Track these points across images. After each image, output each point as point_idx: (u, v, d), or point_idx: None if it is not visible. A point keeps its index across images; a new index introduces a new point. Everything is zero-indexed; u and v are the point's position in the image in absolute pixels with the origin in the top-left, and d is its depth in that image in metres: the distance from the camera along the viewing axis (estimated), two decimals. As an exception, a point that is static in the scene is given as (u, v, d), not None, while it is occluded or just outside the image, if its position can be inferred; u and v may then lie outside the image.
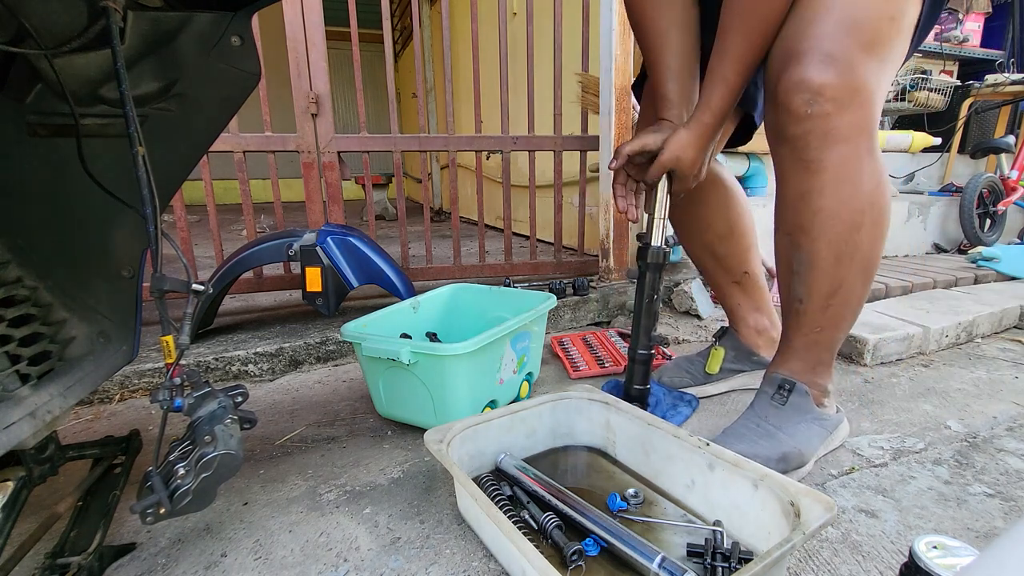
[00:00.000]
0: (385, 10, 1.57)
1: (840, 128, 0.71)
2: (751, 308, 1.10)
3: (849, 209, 0.75)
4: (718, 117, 0.81)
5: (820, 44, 0.70)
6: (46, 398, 0.61)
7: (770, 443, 0.80)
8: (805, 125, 0.72)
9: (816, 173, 0.74)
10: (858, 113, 0.71)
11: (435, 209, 4.75)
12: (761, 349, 1.10)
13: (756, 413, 0.85)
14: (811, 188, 0.75)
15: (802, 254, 0.79)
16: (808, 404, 0.84)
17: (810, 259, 0.78)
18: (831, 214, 0.75)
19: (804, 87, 0.70)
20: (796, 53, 0.71)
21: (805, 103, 0.70)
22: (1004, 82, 2.65)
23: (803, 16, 0.72)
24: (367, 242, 1.41)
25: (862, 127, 0.72)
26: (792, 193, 0.78)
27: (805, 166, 0.74)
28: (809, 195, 0.75)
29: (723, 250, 1.06)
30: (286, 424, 1.06)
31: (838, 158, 0.72)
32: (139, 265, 0.78)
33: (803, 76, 0.70)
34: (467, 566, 0.66)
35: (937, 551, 0.50)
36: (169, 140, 0.74)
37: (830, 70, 0.69)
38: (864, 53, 0.70)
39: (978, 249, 2.04)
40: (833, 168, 0.73)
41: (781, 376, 0.86)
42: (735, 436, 0.82)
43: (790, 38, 0.73)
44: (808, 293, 0.80)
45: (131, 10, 0.60)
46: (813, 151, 0.73)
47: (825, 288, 0.79)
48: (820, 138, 0.72)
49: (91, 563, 0.63)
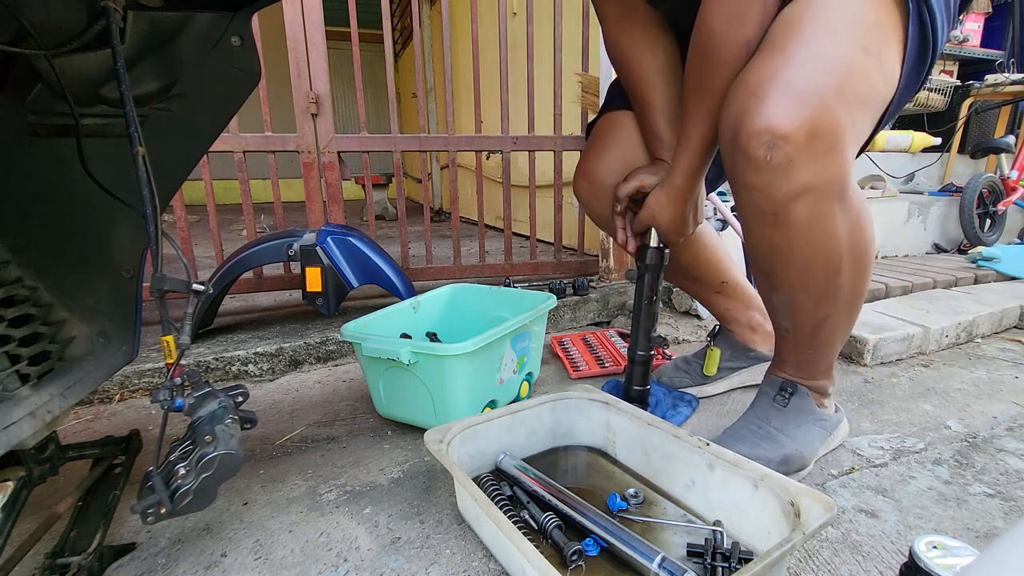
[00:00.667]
0: (385, 10, 1.57)
1: (805, 178, 0.63)
2: (740, 308, 1.10)
3: (824, 259, 0.69)
4: (689, 179, 0.80)
5: (787, 80, 0.61)
6: (46, 398, 0.61)
7: (772, 446, 0.80)
8: (765, 176, 0.64)
9: (781, 227, 0.67)
10: (826, 160, 0.63)
11: (435, 209, 4.75)
12: (757, 344, 1.10)
13: (757, 415, 0.85)
14: (779, 241, 0.69)
15: (781, 296, 0.77)
16: (809, 406, 0.84)
17: (790, 302, 0.76)
18: (804, 266, 0.70)
19: (765, 130, 0.61)
20: (758, 94, 0.62)
21: (765, 147, 0.62)
22: (1004, 82, 2.64)
23: (768, 52, 0.64)
24: (367, 242, 1.41)
25: (831, 175, 0.64)
26: (759, 243, 0.72)
27: (768, 220, 0.67)
28: (779, 247, 0.70)
29: (695, 272, 1.06)
30: (286, 424, 1.06)
31: (804, 211, 0.65)
32: (139, 265, 0.78)
33: (766, 117, 0.61)
34: (467, 566, 0.66)
35: (937, 551, 0.50)
36: (169, 140, 0.74)
37: (796, 110, 0.60)
38: (836, 91, 0.61)
39: (978, 249, 2.04)
40: (800, 222, 0.66)
41: (783, 378, 0.86)
42: (736, 438, 0.82)
43: (752, 76, 0.64)
44: (793, 325, 0.79)
45: (131, 10, 0.60)
46: (776, 204, 0.65)
47: (809, 324, 0.77)
48: (783, 190, 0.64)
49: (91, 563, 0.63)
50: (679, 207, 0.82)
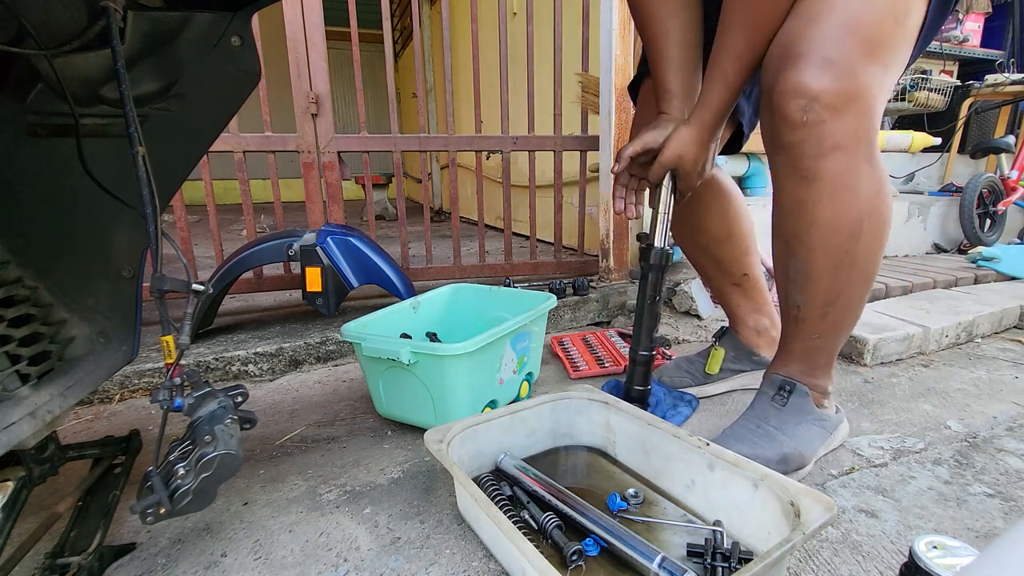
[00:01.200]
0: (385, 10, 1.57)
1: (837, 136, 0.68)
2: (751, 309, 1.09)
3: (847, 219, 0.72)
4: (718, 115, 0.80)
5: (819, 46, 0.66)
6: (46, 398, 0.61)
7: (770, 444, 0.80)
8: (800, 133, 0.69)
9: (812, 182, 0.71)
10: (856, 120, 0.68)
11: (435, 209, 4.75)
12: (761, 349, 1.10)
13: (756, 414, 0.85)
14: (807, 197, 0.72)
15: (799, 263, 0.77)
16: (808, 405, 0.84)
17: (807, 268, 0.77)
18: (828, 224, 0.73)
19: (800, 92, 0.67)
20: (793, 56, 0.67)
21: (801, 109, 0.67)
22: (1004, 82, 2.65)
23: (803, 15, 0.69)
24: (367, 242, 1.41)
25: (860, 135, 0.69)
26: (788, 201, 0.75)
27: (801, 175, 0.71)
28: (805, 204, 0.73)
29: (720, 253, 1.06)
30: (286, 424, 1.06)
31: (835, 167, 0.70)
32: (139, 265, 0.78)
33: (799, 81, 0.66)
34: (467, 566, 0.66)
35: (937, 551, 0.50)
36: (169, 140, 0.74)
37: (828, 74, 0.66)
38: (865, 56, 0.67)
39: (978, 249, 2.04)
40: (830, 177, 0.70)
41: (781, 377, 0.86)
42: (735, 437, 0.82)
43: (788, 39, 0.69)
44: (806, 301, 0.79)
45: (131, 10, 0.60)
46: (809, 160, 0.70)
47: (823, 297, 0.78)
48: (816, 146, 0.69)
49: (91, 563, 0.63)
50: (705, 145, 0.82)
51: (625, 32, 1.57)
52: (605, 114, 1.65)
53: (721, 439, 0.82)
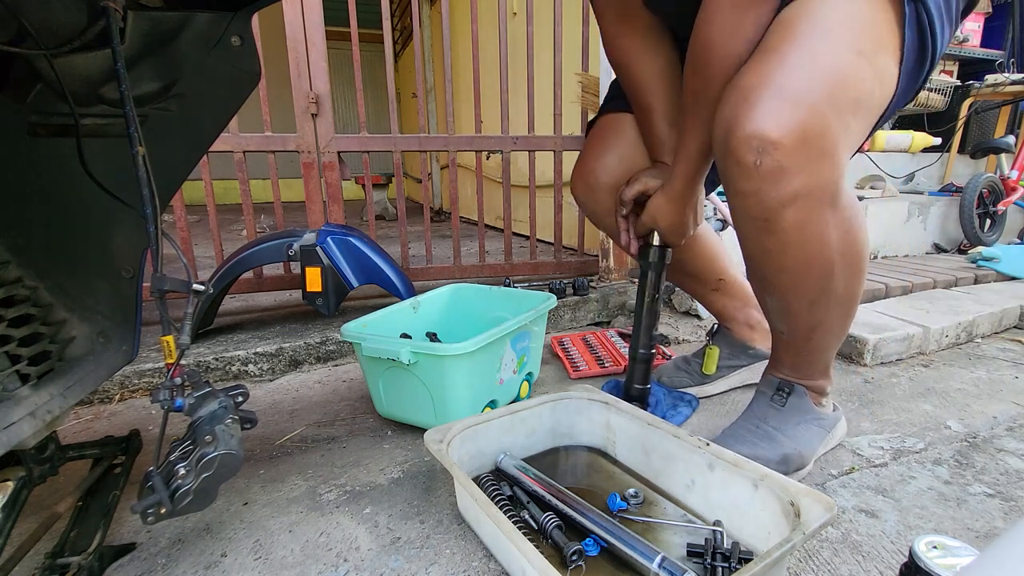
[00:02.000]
0: (385, 10, 1.57)
1: (796, 186, 0.62)
2: (738, 306, 1.10)
3: (817, 264, 0.69)
4: (688, 184, 0.80)
5: (778, 89, 0.60)
6: (46, 398, 0.61)
7: (770, 445, 0.80)
8: (755, 182, 0.63)
9: (774, 233, 0.67)
10: (818, 167, 0.62)
11: (435, 209, 4.75)
12: (756, 341, 1.10)
13: (755, 414, 0.85)
14: (771, 247, 0.69)
15: (774, 301, 0.77)
16: (807, 405, 0.84)
17: (784, 307, 0.76)
18: (797, 271, 0.70)
19: (756, 137, 0.61)
20: (751, 99, 0.61)
21: (755, 154, 0.61)
22: (1004, 82, 2.64)
23: (762, 60, 0.63)
24: (367, 242, 1.41)
25: (823, 183, 0.63)
26: (753, 249, 0.72)
27: (761, 226, 0.67)
28: (770, 254, 0.70)
29: (692, 269, 1.06)
30: (286, 424, 1.06)
31: (797, 218, 0.64)
32: (139, 265, 0.78)
33: (757, 126, 0.60)
34: (467, 566, 0.66)
35: (937, 551, 0.50)
36: (169, 140, 0.74)
37: (787, 118, 0.60)
38: (830, 98, 0.61)
39: (978, 249, 2.04)
40: (793, 228, 0.65)
41: (780, 378, 0.86)
42: (735, 438, 0.82)
43: (745, 81, 0.63)
44: (788, 328, 0.80)
45: (131, 10, 0.60)
46: (768, 211, 0.65)
47: (804, 326, 0.78)
48: (774, 197, 0.63)
49: (91, 563, 0.63)
50: (679, 211, 0.83)
51: (625, 32, 1.57)
52: (605, 114, 1.65)
53: (721, 439, 0.82)
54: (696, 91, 0.73)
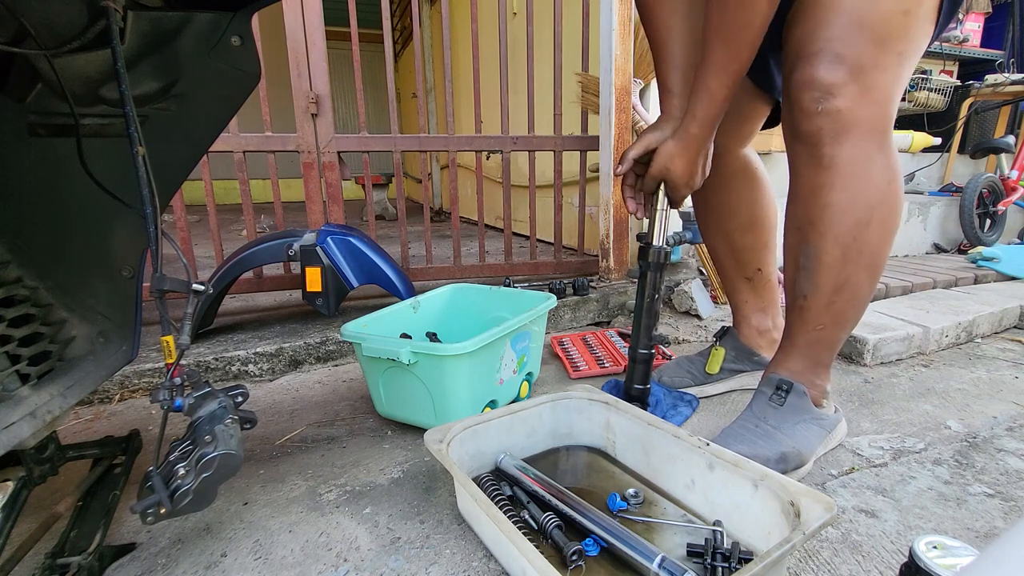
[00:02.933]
0: (385, 10, 1.57)
1: (851, 125, 0.72)
2: (756, 307, 1.09)
3: (858, 205, 0.75)
4: (705, 128, 0.80)
5: (830, 45, 0.70)
6: (46, 398, 0.61)
7: (769, 444, 0.80)
8: (816, 122, 0.73)
9: (827, 168, 0.74)
10: (870, 110, 0.72)
11: (435, 209, 4.75)
12: (762, 349, 1.10)
13: (754, 413, 0.85)
14: (822, 183, 0.76)
15: (809, 248, 0.79)
16: (806, 404, 0.84)
17: (817, 254, 0.79)
18: (840, 209, 0.75)
19: (814, 85, 0.71)
20: (806, 54, 0.72)
21: (815, 100, 0.72)
22: (1004, 82, 2.65)
23: (811, 17, 0.72)
24: (367, 242, 1.41)
25: (874, 124, 0.73)
26: (804, 188, 0.79)
27: (817, 161, 0.75)
28: (820, 190, 0.76)
29: (741, 242, 1.05)
30: (286, 424, 1.06)
31: (849, 154, 0.73)
32: (139, 265, 0.78)
33: (813, 75, 0.71)
34: (467, 566, 0.66)
35: (937, 551, 0.50)
36: (169, 140, 0.74)
37: (840, 69, 0.70)
38: (876, 50, 0.70)
39: (978, 249, 2.04)
40: (844, 164, 0.74)
41: (779, 376, 0.86)
42: (733, 437, 0.82)
43: (800, 40, 0.73)
44: (813, 288, 0.80)
45: (131, 10, 0.60)
46: (825, 147, 0.74)
47: (830, 284, 0.79)
48: (831, 135, 0.73)
49: (91, 563, 0.63)
50: (692, 158, 0.82)
51: (625, 32, 1.57)
52: (605, 114, 1.65)
53: (720, 439, 0.82)
54: (728, 29, 0.73)
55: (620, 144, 1.65)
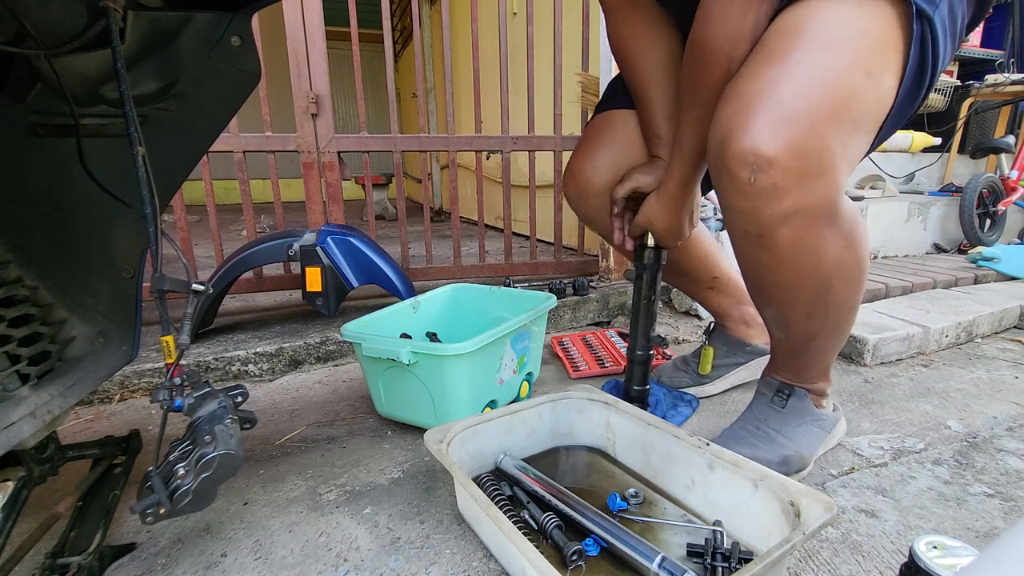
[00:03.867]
0: (385, 10, 1.57)
1: (790, 204, 0.61)
2: (733, 303, 1.09)
3: (813, 279, 0.68)
4: (683, 187, 0.80)
5: (779, 96, 0.59)
6: (46, 398, 0.61)
7: (771, 447, 0.80)
8: (751, 200, 0.62)
9: (769, 249, 0.66)
10: (815, 185, 0.60)
11: (435, 209, 4.75)
12: (753, 338, 1.10)
13: (755, 416, 0.85)
14: (767, 263, 0.68)
15: (771, 311, 0.77)
16: (807, 406, 0.84)
17: (780, 317, 0.77)
18: (793, 286, 0.70)
19: (751, 155, 0.59)
20: (747, 112, 0.60)
21: (749, 171, 0.60)
22: (1004, 82, 2.64)
23: (763, 62, 0.61)
24: (367, 242, 1.41)
25: (820, 201, 0.62)
26: (748, 263, 0.72)
27: (755, 241, 0.66)
28: (766, 269, 0.69)
29: (686, 266, 1.06)
30: (286, 424, 1.06)
31: (792, 235, 0.64)
32: (139, 265, 0.78)
33: (752, 143, 0.59)
34: (467, 566, 0.66)
35: (937, 551, 0.50)
36: (169, 140, 0.74)
37: (783, 135, 0.58)
38: (829, 115, 0.59)
39: (978, 249, 2.04)
40: (788, 244, 0.65)
41: (779, 381, 0.86)
42: (735, 439, 0.82)
43: (744, 84, 0.62)
44: (785, 337, 0.80)
45: (131, 10, 0.60)
46: (763, 227, 0.64)
47: (802, 336, 0.78)
48: (769, 215, 0.62)
49: (91, 563, 0.63)
50: (674, 214, 0.83)
51: (625, 32, 1.57)
52: (605, 114, 1.65)
53: (721, 440, 0.82)
54: (692, 89, 0.72)
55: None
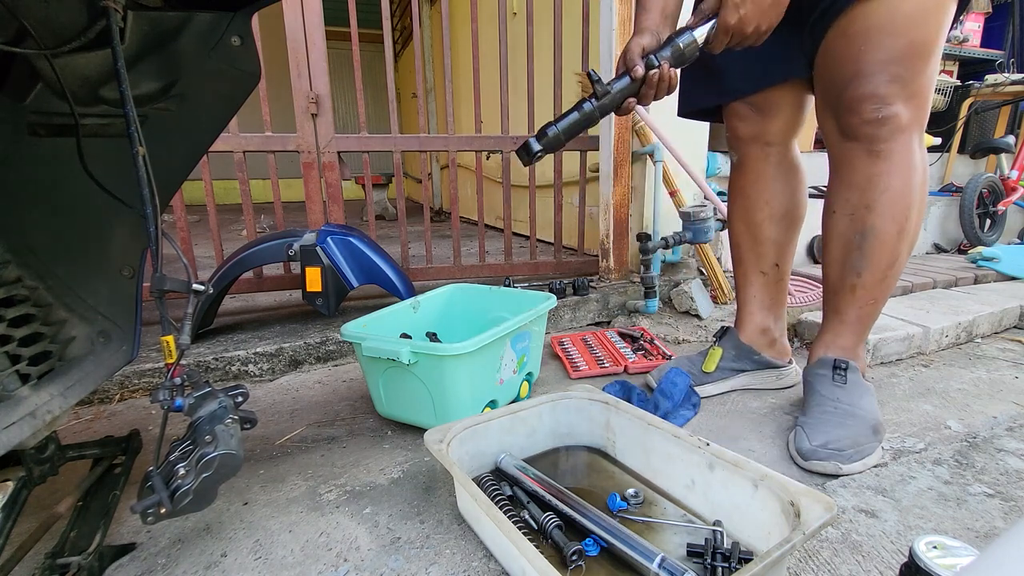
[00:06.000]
0: (385, 10, 1.57)
1: (903, 124, 0.82)
2: (763, 305, 1.10)
3: (909, 188, 0.85)
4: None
5: (886, 68, 0.79)
6: (46, 398, 0.61)
7: (857, 422, 0.86)
8: (875, 126, 0.83)
9: (885, 159, 0.84)
10: (917, 109, 0.83)
11: (435, 209, 4.75)
12: (763, 349, 1.10)
13: (826, 397, 0.90)
14: (880, 171, 0.85)
15: (867, 229, 0.88)
16: (859, 377, 0.92)
17: (876, 234, 0.87)
18: (896, 193, 0.85)
19: (874, 98, 0.81)
20: (862, 72, 0.81)
21: (875, 109, 0.81)
22: (1004, 82, 2.65)
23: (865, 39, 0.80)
24: (367, 242, 1.41)
25: (920, 120, 0.84)
26: (860, 178, 0.87)
27: (876, 154, 0.85)
28: (878, 178, 0.85)
29: (767, 233, 1.07)
30: (286, 424, 1.06)
31: (901, 147, 0.84)
32: (139, 265, 0.78)
33: (873, 91, 0.81)
34: (467, 566, 0.66)
35: (937, 551, 0.50)
36: (169, 140, 0.74)
37: (895, 84, 0.80)
38: (923, 63, 0.80)
39: (978, 249, 2.04)
40: (897, 155, 0.84)
41: (835, 357, 0.93)
42: (822, 423, 0.86)
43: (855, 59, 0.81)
44: (868, 265, 0.89)
45: (131, 10, 0.60)
46: (883, 143, 0.84)
47: (886, 260, 0.88)
48: (889, 133, 0.83)
49: (91, 563, 0.63)
50: None
51: (625, 32, 1.57)
52: (605, 114, 1.65)
53: (807, 430, 0.86)
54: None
55: (620, 144, 1.65)
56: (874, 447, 0.84)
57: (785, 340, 1.14)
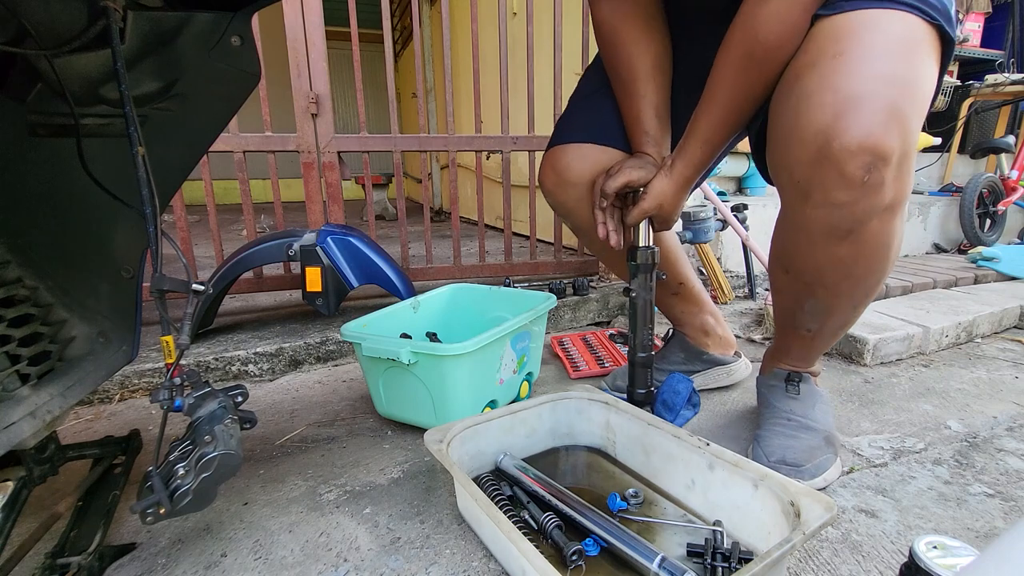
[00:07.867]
0: (385, 10, 1.57)
1: (889, 199, 0.63)
2: (695, 312, 1.11)
3: (878, 271, 0.73)
4: (697, 170, 0.81)
5: (882, 90, 0.58)
6: (46, 398, 0.61)
7: (810, 434, 0.83)
8: (856, 193, 0.62)
9: (853, 242, 0.67)
10: (907, 180, 0.64)
11: (435, 209, 4.75)
12: (710, 348, 1.11)
13: (780, 410, 0.88)
14: (844, 255, 0.69)
15: (819, 302, 0.78)
16: (812, 388, 0.90)
17: (828, 307, 0.78)
18: (861, 277, 0.73)
19: (869, 150, 0.58)
20: (858, 105, 0.58)
21: (864, 169, 0.59)
22: (1004, 82, 2.65)
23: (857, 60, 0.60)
24: (367, 242, 1.41)
25: (906, 194, 0.66)
26: (820, 257, 0.71)
27: (841, 234, 0.67)
28: (842, 262, 0.70)
29: None
30: (286, 424, 1.06)
31: (879, 228, 0.66)
32: (139, 265, 0.78)
33: (869, 134, 0.58)
34: (467, 566, 0.66)
35: (937, 551, 0.50)
36: (169, 140, 0.74)
37: (895, 128, 0.58)
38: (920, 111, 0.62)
39: (978, 249, 2.04)
40: (871, 238, 0.67)
41: (787, 370, 0.90)
42: (776, 437, 0.84)
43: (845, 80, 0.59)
44: (819, 328, 0.82)
45: (131, 10, 0.60)
46: (855, 222, 0.65)
47: (838, 325, 0.82)
48: (868, 209, 0.63)
49: (91, 563, 0.63)
50: (682, 195, 0.84)
51: (625, 32, 1.57)
52: (605, 114, 1.65)
53: (763, 444, 0.83)
54: (738, 84, 0.72)
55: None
56: (831, 460, 0.80)
57: (726, 330, 1.14)
